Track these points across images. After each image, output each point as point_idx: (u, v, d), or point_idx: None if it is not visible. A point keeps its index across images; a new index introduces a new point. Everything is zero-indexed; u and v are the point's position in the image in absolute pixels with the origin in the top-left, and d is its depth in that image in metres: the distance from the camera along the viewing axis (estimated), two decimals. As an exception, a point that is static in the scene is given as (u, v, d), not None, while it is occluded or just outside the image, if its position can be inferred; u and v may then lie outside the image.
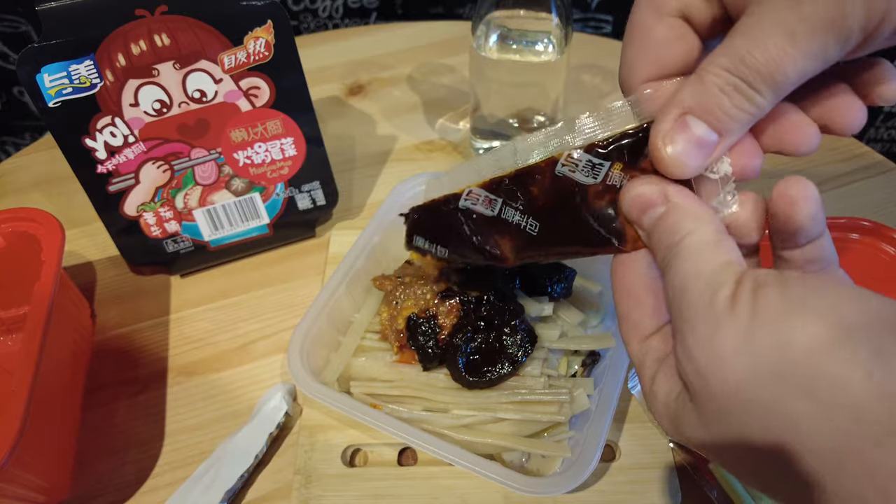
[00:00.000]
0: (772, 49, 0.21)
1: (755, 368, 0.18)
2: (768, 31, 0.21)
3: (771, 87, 0.22)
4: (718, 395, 0.19)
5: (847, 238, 0.54)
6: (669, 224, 0.23)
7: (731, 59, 0.22)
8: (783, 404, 0.18)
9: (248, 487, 0.43)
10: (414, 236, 0.34)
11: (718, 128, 0.23)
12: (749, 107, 0.22)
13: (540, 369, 0.42)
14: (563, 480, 0.36)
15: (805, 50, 0.21)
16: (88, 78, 0.43)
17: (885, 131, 1.11)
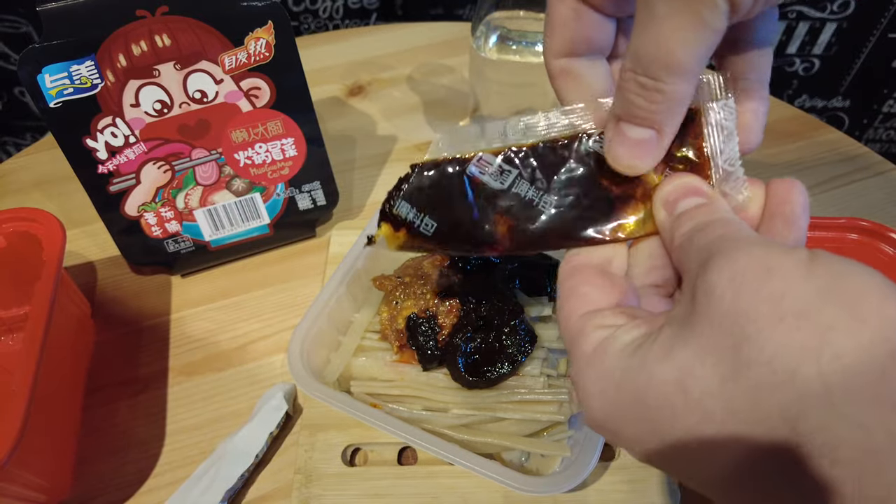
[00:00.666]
0: (655, 37, 0.22)
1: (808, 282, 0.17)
2: (647, 21, 0.22)
3: (670, 73, 0.22)
4: (756, 300, 0.17)
5: (846, 238, 0.54)
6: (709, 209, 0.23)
7: (630, 59, 0.23)
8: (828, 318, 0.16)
9: (249, 487, 0.43)
10: (399, 200, 0.27)
11: (649, 124, 0.24)
12: (661, 97, 0.23)
13: (539, 369, 0.42)
14: (563, 480, 0.36)
15: (682, 28, 0.21)
16: (89, 78, 0.43)
17: (883, 132, 1.11)
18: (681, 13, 0.21)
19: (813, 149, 0.65)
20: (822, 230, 0.54)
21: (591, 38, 0.27)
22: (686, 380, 0.17)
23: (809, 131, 0.67)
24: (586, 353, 0.21)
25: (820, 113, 1.08)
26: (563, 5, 0.27)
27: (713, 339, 0.17)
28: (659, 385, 0.18)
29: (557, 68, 0.28)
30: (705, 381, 0.17)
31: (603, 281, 0.24)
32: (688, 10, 0.21)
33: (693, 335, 0.18)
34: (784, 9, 0.96)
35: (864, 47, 0.99)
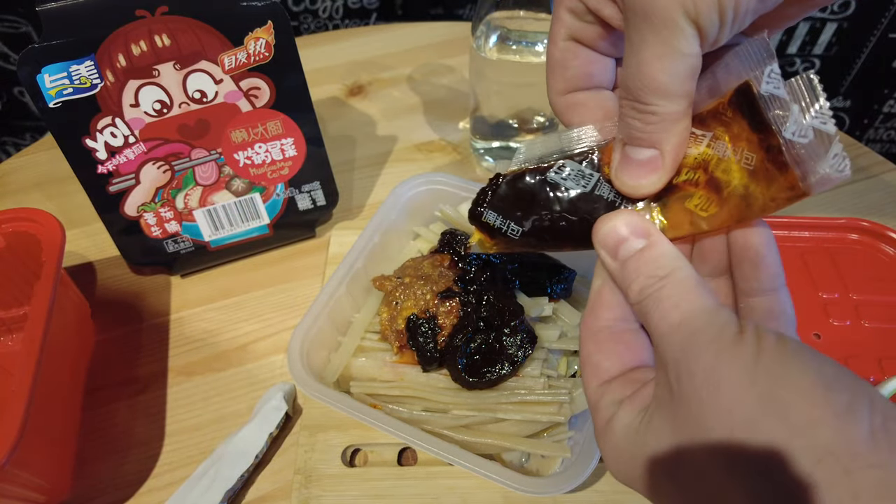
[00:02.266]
0: (636, 66, 0.24)
1: (750, 398, 0.20)
2: (629, 52, 0.24)
3: (657, 96, 0.24)
4: (711, 411, 0.21)
5: (847, 238, 0.54)
6: (653, 257, 0.25)
7: (623, 87, 0.25)
8: (764, 428, 0.20)
9: (248, 487, 0.43)
10: (486, 210, 0.29)
11: (649, 144, 0.25)
12: (655, 118, 0.25)
13: (540, 370, 0.42)
14: (563, 480, 0.36)
15: (658, 56, 0.23)
16: (89, 78, 0.43)
17: (884, 132, 1.11)
18: (654, 43, 0.23)
19: (813, 149, 0.65)
20: (823, 230, 0.54)
21: (591, 74, 0.29)
22: (670, 467, 0.23)
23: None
24: (601, 427, 0.26)
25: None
26: (557, 48, 0.29)
27: (687, 442, 0.22)
28: (651, 467, 0.24)
29: (562, 104, 0.30)
30: (684, 474, 0.22)
31: (614, 346, 0.27)
32: (658, 39, 0.23)
33: (673, 434, 0.22)
34: (784, 9, 0.96)
35: (865, 47, 0.99)
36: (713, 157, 0.25)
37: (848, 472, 0.18)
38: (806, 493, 0.19)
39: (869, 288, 0.51)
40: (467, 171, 0.65)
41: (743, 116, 0.24)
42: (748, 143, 0.24)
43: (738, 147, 0.25)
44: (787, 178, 0.24)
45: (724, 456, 0.20)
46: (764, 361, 0.20)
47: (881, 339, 0.48)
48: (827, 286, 0.51)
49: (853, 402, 0.19)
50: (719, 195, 0.25)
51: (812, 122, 0.23)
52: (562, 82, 0.29)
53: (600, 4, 0.26)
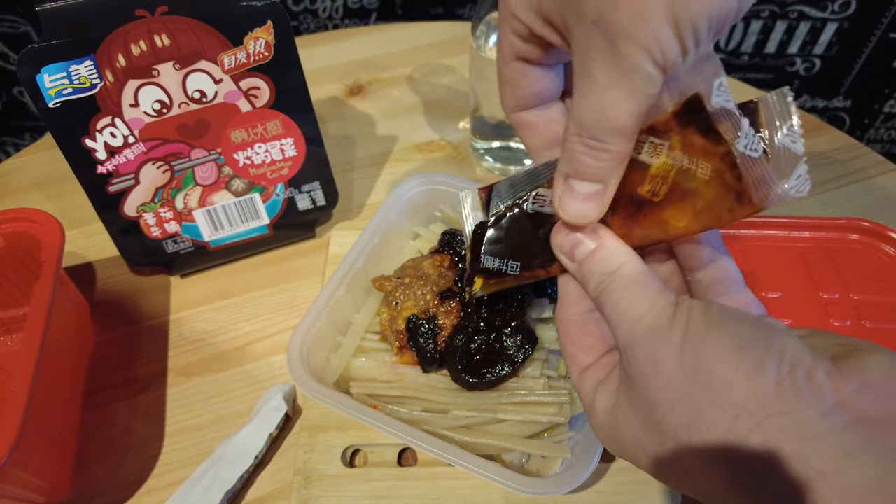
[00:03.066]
0: (598, 105, 0.24)
1: (681, 372, 0.23)
2: (589, 90, 0.24)
3: (616, 136, 0.25)
4: (653, 389, 0.24)
5: (847, 238, 0.54)
6: (603, 255, 0.27)
7: (575, 123, 0.26)
8: (694, 398, 0.23)
9: (248, 488, 0.43)
10: (483, 256, 0.31)
11: (597, 179, 0.27)
12: (608, 156, 0.26)
13: (540, 370, 0.42)
14: (563, 481, 0.36)
15: (622, 99, 0.24)
16: (88, 78, 0.43)
17: (885, 132, 1.11)
18: (619, 85, 0.24)
19: (814, 149, 0.65)
20: (823, 230, 0.54)
21: (541, 92, 0.30)
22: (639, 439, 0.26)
23: (810, 131, 0.67)
24: (587, 410, 0.29)
25: (821, 113, 1.08)
26: (508, 67, 0.30)
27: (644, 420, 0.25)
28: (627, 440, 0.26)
29: (517, 121, 0.31)
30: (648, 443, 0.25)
31: (584, 338, 0.30)
32: (625, 81, 0.23)
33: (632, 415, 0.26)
34: (785, 9, 0.96)
35: (865, 47, 0.99)
36: (673, 167, 0.26)
37: (759, 423, 0.21)
38: (728, 447, 0.21)
39: (869, 288, 0.51)
40: (467, 171, 0.65)
41: (695, 128, 0.25)
42: (703, 153, 0.25)
43: (692, 157, 0.25)
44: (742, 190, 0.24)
45: (670, 427, 0.24)
46: (690, 338, 0.23)
47: (882, 340, 0.48)
48: (827, 286, 0.51)
49: (762, 358, 0.22)
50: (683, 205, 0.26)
51: (783, 139, 0.23)
52: (513, 100, 0.31)
53: (545, 31, 0.27)
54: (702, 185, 0.25)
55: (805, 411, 0.20)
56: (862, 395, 0.20)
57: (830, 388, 0.21)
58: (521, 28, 0.28)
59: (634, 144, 0.26)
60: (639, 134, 0.26)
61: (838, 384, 0.21)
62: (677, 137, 0.25)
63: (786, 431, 0.20)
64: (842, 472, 0.19)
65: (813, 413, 0.20)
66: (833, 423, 0.20)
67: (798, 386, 0.21)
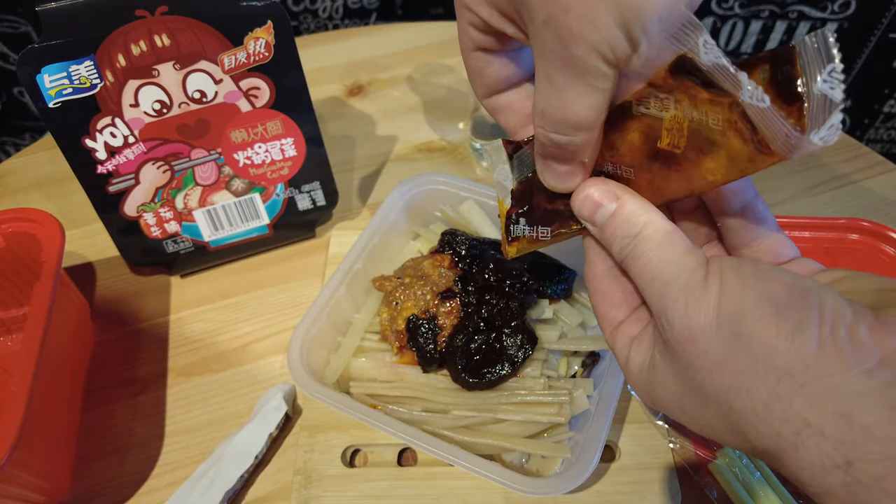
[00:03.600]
0: (559, 103, 0.25)
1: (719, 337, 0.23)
2: (549, 89, 0.25)
3: (578, 129, 0.26)
4: (691, 355, 0.24)
5: (847, 238, 0.54)
6: (624, 217, 0.27)
7: (539, 117, 0.26)
8: (734, 362, 0.23)
9: (248, 488, 0.43)
10: (513, 227, 0.32)
11: (568, 161, 0.28)
12: (575, 145, 0.27)
13: (540, 370, 0.42)
14: (563, 481, 0.36)
15: (580, 95, 0.25)
16: (88, 78, 0.43)
17: (884, 132, 1.11)
18: (574, 85, 0.24)
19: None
20: (823, 230, 0.54)
21: (507, 77, 0.31)
22: (680, 400, 0.26)
23: (810, 131, 0.67)
24: (622, 366, 0.29)
25: (820, 113, 1.07)
26: (471, 58, 0.30)
27: (683, 383, 0.25)
28: (667, 399, 0.26)
29: (489, 107, 0.32)
30: (689, 405, 0.25)
31: (613, 294, 0.29)
32: (580, 81, 0.24)
33: (670, 377, 0.26)
34: (785, 9, 0.96)
35: (865, 47, 0.99)
36: (685, 118, 0.25)
37: (803, 386, 0.21)
38: (771, 406, 0.22)
39: (869, 288, 0.51)
40: (467, 171, 0.65)
41: (694, 82, 0.24)
42: (710, 104, 0.24)
43: (701, 108, 0.24)
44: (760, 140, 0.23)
45: (711, 391, 0.24)
46: (725, 302, 0.23)
47: (881, 340, 0.48)
48: (827, 286, 0.51)
49: (802, 320, 0.22)
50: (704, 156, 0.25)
51: (822, 86, 0.22)
52: (482, 88, 0.31)
53: (502, 25, 0.27)
54: (718, 134, 0.24)
55: (848, 371, 0.20)
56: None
57: (873, 344, 0.21)
58: (477, 21, 0.28)
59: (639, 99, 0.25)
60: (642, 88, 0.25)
61: (881, 339, 0.21)
62: (680, 92, 0.25)
63: (830, 392, 0.20)
64: (888, 424, 0.19)
65: (857, 372, 0.20)
66: (878, 381, 0.20)
67: (840, 346, 0.21)
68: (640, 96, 0.26)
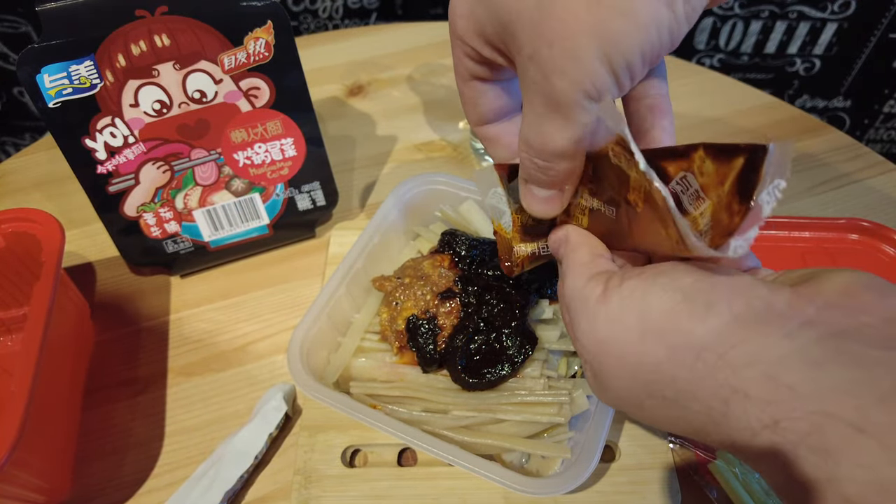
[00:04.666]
0: (539, 132, 0.26)
1: (626, 338, 0.24)
2: (532, 119, 0.26)
3: (557, 157, 0.27)
4: (607, 367, 0.25)
5: (847, 238, 0.54)
6: (565, 251, 0.30)
7: (523, 143, 0.28)
8: (650, 356, 0.23)
9: (248, 488, 0.43)
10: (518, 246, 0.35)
11: (549, 187, 0.29)
12: (557, 172, 0.28)
13: (540, 370, 0.42)
14: (563, 481, 0.36)
15: (560, 128, 0.25)
16: (88, 78, 0.43)
17: (884, 132, 1.11)
18: (555, 118, 0.25)
19: (814, 149, 0.65)
20: (823, 231, 0.54)
21: (501, 108, 0.32)
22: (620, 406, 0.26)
23: (810, 132, 0.67)
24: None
25: (821, 113, 1.08)
26: (467, 87, 0.31)
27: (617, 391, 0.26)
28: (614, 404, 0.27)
29: (481, 134, 0.33)
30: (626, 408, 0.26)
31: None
32: (560, 115, 0.25)
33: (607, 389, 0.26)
34: (785, 9, 0.96)
35: (865, 47, 0.99)
36: (642, 186, 0.25)
37: (722, 356, 0.21)
38: (697, 384, 0.22)
39: (869, 288, 0.51)
40: (467, 171, 0.65)
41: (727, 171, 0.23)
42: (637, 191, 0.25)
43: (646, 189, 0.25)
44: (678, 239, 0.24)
45: (636, 396, 0.24)
46: (629, 305, 0.24)
47: (882, 340, 0.48)
48: (827, 286, 0.51)
49: (711, 301, 0.22)
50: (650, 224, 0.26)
51: (765, 196, 0.22)
52: (476, 116, 0.32)
53: (492, 55, 0.28)
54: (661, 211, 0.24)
55: (769, 336, 0.21)
56: (827, 312, 0.21)
57: (792, 311, 0.21)
58: (470, 51, 0.29)
59: (615, 151, 0.26)
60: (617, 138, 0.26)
61: (799, 306, 0.21)
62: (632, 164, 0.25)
63: (751, 357, 0.21)
64: (811, 381, 0.20)
65: (777, 336, 0.21)
66: (799, 342, 0.20)
67: (758, 315, 0.21)
68: (615, 148, 0.26)
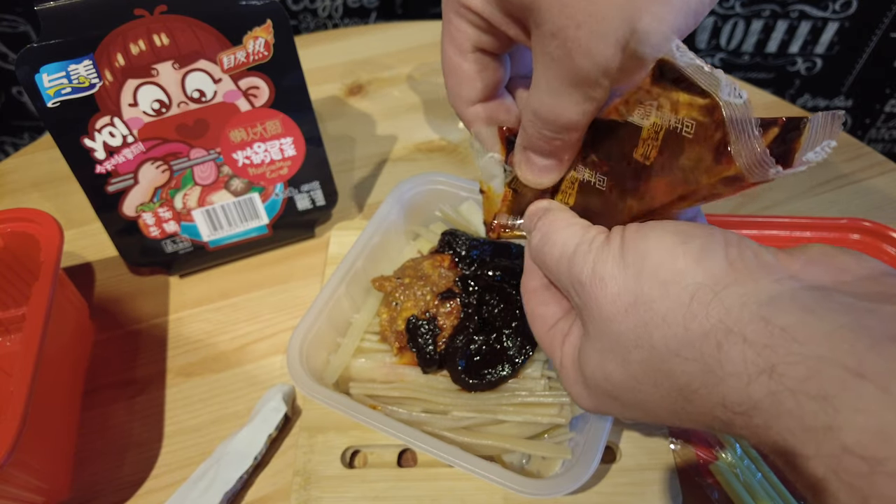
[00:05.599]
0: (554, 106, 0.26)
1: (627, 276, 0.24)
2: (546, 91, 0.26)
3: (567, 129, 0.27)
4: (605, 304, 0.25)
5: (847, 238, 0.54)
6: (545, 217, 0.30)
7: (531, 113, 0.27)
8: (645, 295, 0.23)
9: (248, 489, 0.43)
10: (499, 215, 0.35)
11: (550, 157, 0.29)
12: (561, 143, 0.28)
13: (540, 371, 0.42)
14: (564, 482, 0.36)
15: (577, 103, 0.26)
16: (87, 78, 0.43)
17: (886, 131, 1.11)
18: (573, 93, 0.26)
19: (814, 149, 0.65)
20: (824, 230, 0.54)
21: (499, 82, 0.32)
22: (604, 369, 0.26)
23: (811, 131, 0.67)
24: (558, 370, 0.30)
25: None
26: (466, 62, 0.30)
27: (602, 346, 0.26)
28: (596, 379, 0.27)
29: (472, 115, 0.33)
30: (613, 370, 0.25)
31: (550, 296, 0.31)
32: (579, 91, 0.25)
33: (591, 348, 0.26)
34: (786, 8, 0.95)
35: (867, 47, 0.99)
36: (662, 127, 0.25)
37: (717, 294, 0.22)
38: (689, 325, 0.22)
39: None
40: (467, 171, 0.65)
41: (675, 86, 0.24)
42: (688, 107, 0.24)
43: (679, 115, 0.25)
44: (721, 141, 0.23)
45: (629, 336, 0.24)
46: (628, 248, 0.25)
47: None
48: (828, 286, 0.51)
49: (706, 244, 0.23)
50: (668, 171, 0.26)
51: (812, 156, 0.22)
52: (471, 93, 0.32)
53: (504, 25, 0.28)
54: (687, 143, 0.24)
55: (760, 280, 0.22)
56: (810, 268, 0.22)
57: (780, 265, 0.22)
58: (477, 20, 0.28)
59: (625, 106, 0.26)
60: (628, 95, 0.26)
61: (787, 262, 0.22)
62: (664, 97, 0.25)
63: (744, 298, 0.21)
64: (805, 324, 0.20)
65: (768, 281, 0.22)
66: (788, 287, 0.21)
67: (749, 264, 0.22)
68: (627, 104, 0.26)
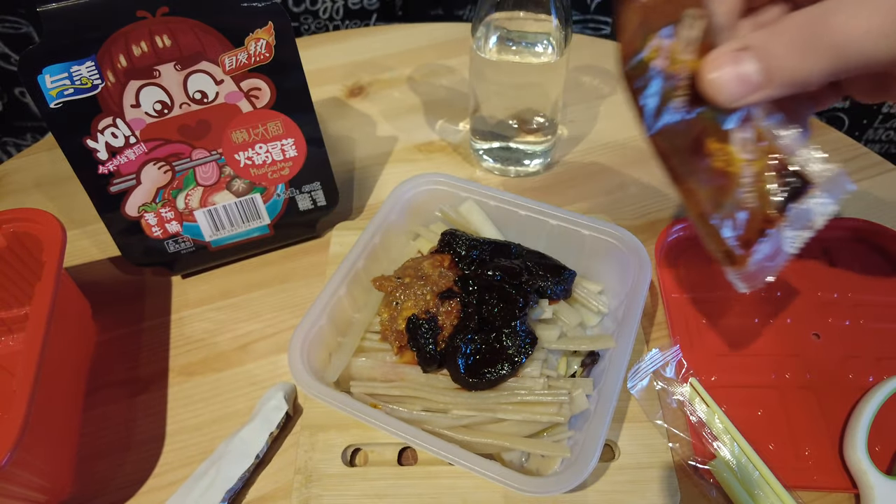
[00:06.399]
0: (852, 24, 0.22)
1: None
2: (858, 8, 0.22)
3: (833, 59, 0.23)
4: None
5: (846, 238, 0.54)
6: None
7: (810, 17, 0.23)
8: None
9: (249, 487, 0.43)
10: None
11: (769, 73, 0.24)
12: (803, 71, 0.24)
13: (539, 370, 0.42)
14: (563, 480, 0.36)
15: (882, 39, 0.22)
16: (90, 79, 0.44)
17: (883, 132, 1.11)
18: (884, 22, 0.22)
19: (813, 149, 0.65)
20: (822, 230, 0.54)
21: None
22: None
23: (809, 132, 0.67)
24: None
25: (820, 113, 1.08)
26: None
27: None
28: None
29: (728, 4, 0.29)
30: None
31: None
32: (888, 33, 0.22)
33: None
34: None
35: (864, 48, 0.99)
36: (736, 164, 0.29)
37: None
38: None
39: (868, 288, 0.51)
40: (467, 171, 0.65)
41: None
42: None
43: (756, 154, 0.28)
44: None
45: None
46: None
47: (880, 340, 0.48)
48: (826, 286, 0.51)
49: None
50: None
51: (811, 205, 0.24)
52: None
53: None
54: None
55: None
56: None
57: None
58: None
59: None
60: None
61: None
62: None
63: None
64: None
65: None
66: None
67: None
68: None
